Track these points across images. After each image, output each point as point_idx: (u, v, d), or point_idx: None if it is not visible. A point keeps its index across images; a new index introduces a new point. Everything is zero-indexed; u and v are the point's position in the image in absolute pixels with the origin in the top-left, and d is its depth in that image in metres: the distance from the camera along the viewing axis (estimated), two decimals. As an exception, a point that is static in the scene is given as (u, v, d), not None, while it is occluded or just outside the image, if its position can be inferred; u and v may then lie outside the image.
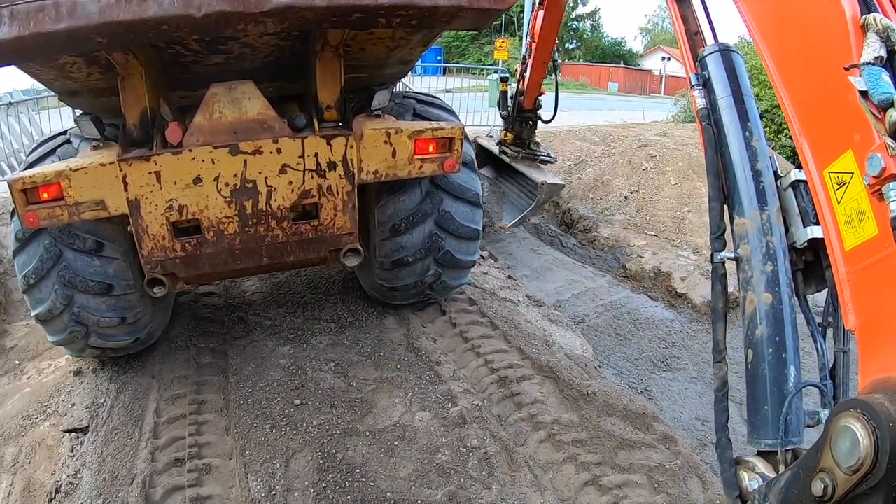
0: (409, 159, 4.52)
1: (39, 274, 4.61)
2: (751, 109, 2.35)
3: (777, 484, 1.70)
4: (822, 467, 1.42)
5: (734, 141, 2.31)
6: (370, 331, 5.66)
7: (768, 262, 2.11)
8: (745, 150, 2.27)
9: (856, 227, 1.61)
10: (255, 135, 4.26)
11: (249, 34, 3.92)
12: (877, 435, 1.27)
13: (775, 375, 1.99)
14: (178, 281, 4.73)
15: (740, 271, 2.20)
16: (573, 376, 4.89)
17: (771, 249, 2.12)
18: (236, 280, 6.94)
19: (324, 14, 3.56)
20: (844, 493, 1.35)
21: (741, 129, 2.31)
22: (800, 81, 1.89)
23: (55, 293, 4.64)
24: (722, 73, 2.43)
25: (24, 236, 4.60)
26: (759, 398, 2.02)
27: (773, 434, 1.94)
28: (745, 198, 2.22)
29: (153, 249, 4.39)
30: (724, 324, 2.25)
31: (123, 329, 4.97)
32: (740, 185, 2.25)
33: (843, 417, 1.37)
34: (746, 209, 2.21)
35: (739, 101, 2.36)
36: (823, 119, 1.77)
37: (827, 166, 1.72)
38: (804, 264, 2.19)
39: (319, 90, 4.53)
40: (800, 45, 1.90)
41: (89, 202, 4.14)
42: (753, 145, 2.28)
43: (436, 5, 3.66)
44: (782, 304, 2.05)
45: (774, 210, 2.19)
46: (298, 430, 4.34)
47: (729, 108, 2.36)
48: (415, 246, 5.22)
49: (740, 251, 2.20)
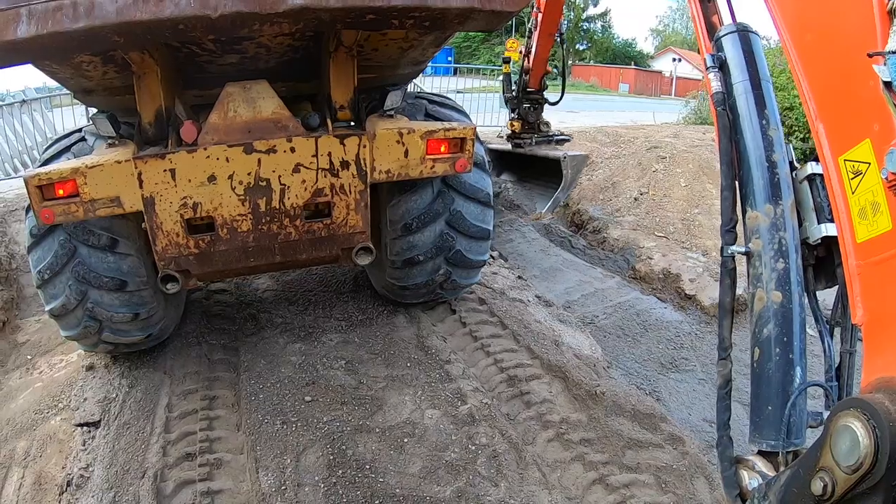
0: (421, 159, 4.54)
1: (54, 269, 4.65)
2: (768, 96, 2.24)
3: (777, 483, 1.70)
4: (821, 466, 1.42)
5: (749, 129, 2.21)
6: (380, 329, 5.70)
7: (780, 259, 2.03)
8: (760, 140, 2.18)
9: (869, 220, 1.58)
10: (270, 134, 4.30)
11: (264, 34, 3.97)
12: (877, 434, 1.27)
13: (781, 376, 1.95)
14: (192, 278, 4.76)
15: (750, 266, 2.12)
16: (582, 376, 4.91)
17: (783, 246, 2.04)
18: (248, 277, 6.99)
19: (338, 15, 3.60)
20: (844, 492, 1.35)
21: (757, 116, 2.21)
22: (819, 62, 1.81)
23: (69, 289, 4.69)
24: (739, 55, 2.32)
25: (39, 232, 4.64)
26: (763, 398, 1.99)
27: (775, 435, 1.92)
28: (759, 190, 2.13)
29: (167, 246, 4.43)
30: (731, 320, 2.20)
31: (136, 325, 5.01)
32: (754, 176, 2.16)
33: (843, 416, 1.37)
34: (760, 202, 2.12)
35: (756, 86, 2.24)
36: (842, 104, 1.71)
37: (843, 153, 1.67)
38: (815, 259, 2.12)
39: (333, 90, 4.56)
40: (821, 23, 1.82)
41: (105, 199, 4.17)
42: (770, 134, 2.18)
43: (448, 7, 3.69)
44: (792, 304, 1.99)
45: (789, 204, 2.09)
46: (309, 426, 4.38)
47: (745, 94, 2.25)
48: (426, 245, 5.25)
49: (751, 245, 2.12)
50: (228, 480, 4.08)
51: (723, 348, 2.20)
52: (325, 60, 4.58)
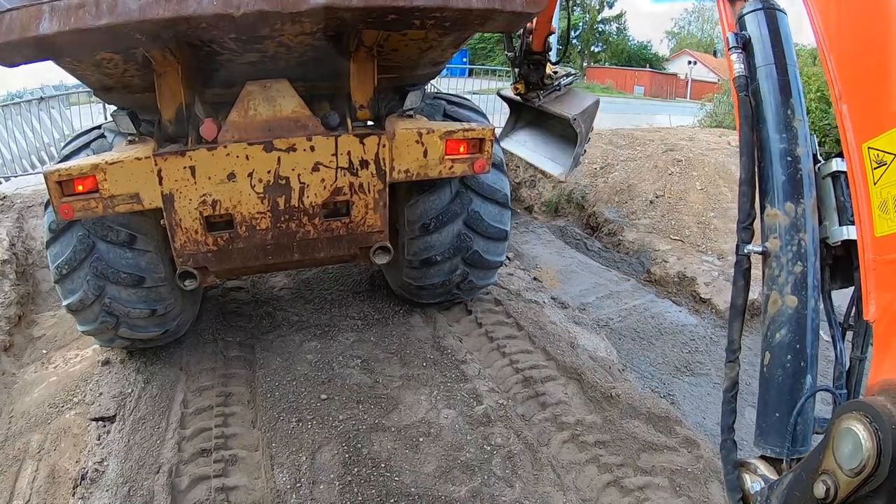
0: (440, 159, 4.59)
1: (72, 265, 4.72)
2: (794, 82, 2.05)
3: (779, 486, 1.68)
4: (824, 469, 1.40)
5: (772, 118, 2.04)
6: (396, 328, 5.75)
7: (798, 262, 1.91)
8: (784, 131, 2.01)
9: (890, 214, 1.50)
10: (290, 132, 4.35)
11: (285, 33, 3.98)
12: (879, 437, 1.25)
13: (791, 383, 1.89)
14: (210, 274, 4.81)
15: (766, 267, 1.99)
16: (597, 378, 4.92)
17: (802, 248, 1.91)
18: (264, 276, 7.06)
19: (360, 15, 3.63)
20: (846, 495, 1.33)
21: (782, 105, 2.03)
22: (846, 38, 1.68)
23: (87, 284, 4.76)
24: (764, 36, 2.12)
25: (58, 227, 4.72)
26: (770, 403, 1.94)
27: (780, 441, 1.89)
28: (780, 186, 1.98)
29: (186, 243, 4.48)
30: (742, 322, 2.12)
31: (153, 321, 5.08)
32: (776, 170, 2.01)
33: (845, 419, 1.35)
34: (780, 199, 1.97)
35: (782, 70, 2.05)
36: (869, 87, 1.59)
37: (867, 140, 1.57)
38: (833, 259, 2.01)
39: (353, 90, 4.61)
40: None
41: (124, 195, 4.23)
42: (794, 126, 2.00)
43: (469, 7, 3.71)
44: (807, 310, 1.89)
45: (811, 203, 1.95)
46: (325, 424, 4.43)
47: (769, 79, 2.07)
48: (443, 245, 5.31)
49: (769, 244, 1.98)
50: (243, 477, 4.12)
51: (731, 350, 2.13)
52: (345, 60, 4.63)
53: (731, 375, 2.12)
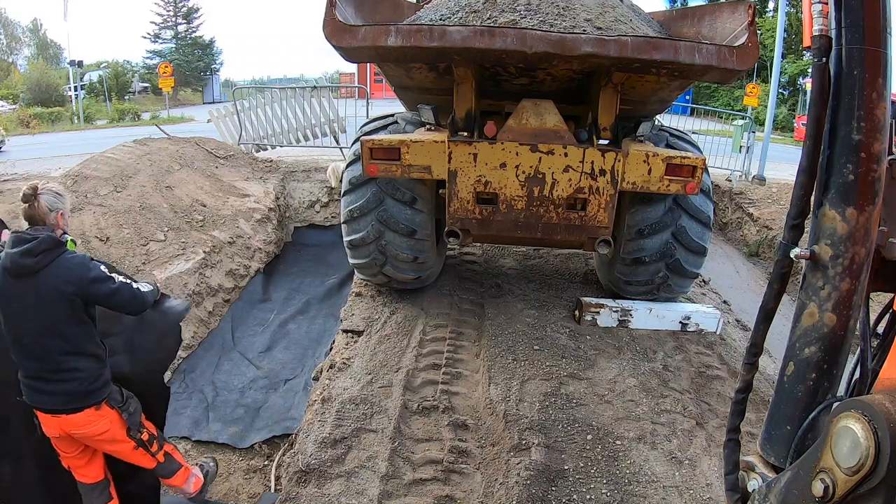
0: (660, 178, 5.41)
1: (363, 210, 5.99)
2: (885, 59, 1.54)
3: (777, 484, 1.61)
4: (822, 467, 1.37)
5: (850, 100, 1.57)
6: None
7: (846, 279, 1.58)
8: (862, 119, 1.54)
9: None
10: (550, 140, 5.37)
11: (556, 68, 5.15)
12: (877, 435, 1.23)
13: (808, 400, 1.68)
14: (470, 237, 5.93)
15: (808, 271, 1.68)
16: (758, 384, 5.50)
17: (855, 263, 1.57)
18: (495, 256, 8.24)
19: (614, 62, 4.76)
20: (845, 493, 1.31)
21: (867, 84, 1.54)
22: None
23: (371, 227, 6.02)
24: None
25: (358, 182, 6.00)
26: (782, 415, 1.75)
27: (786, 452, 1.75)
28: (845, 185, 1.57)
29: (458, 209, 5.65)
30: (768, 327, 1.88)
31: (413, 266, 6.31)
32: (843, 165, 1.58)
33: (843, 418, 1.33)
34: (841, 200, 1.57)
35: (874, 39, 1.53)
36: None
37: None
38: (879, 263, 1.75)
39: (600, 115, 5.56)
40: None
41: (419, 166, 5.49)
42: (877, 114, 1.53)
43: (693, 63, 4.68)
44: (846, 330, 1.61)
45: (876, 211, 1.57)
46: (534, 365, 5.41)
47: (854, 51, 1.55)
48: (653, 249, 6.10)
49: (817, 249, 1.62)
50: (465, 387, 5.17)
51: (752, 353, 1.91)
52: (595, 92, 5.62)
53: (746, 378, 1.95)
